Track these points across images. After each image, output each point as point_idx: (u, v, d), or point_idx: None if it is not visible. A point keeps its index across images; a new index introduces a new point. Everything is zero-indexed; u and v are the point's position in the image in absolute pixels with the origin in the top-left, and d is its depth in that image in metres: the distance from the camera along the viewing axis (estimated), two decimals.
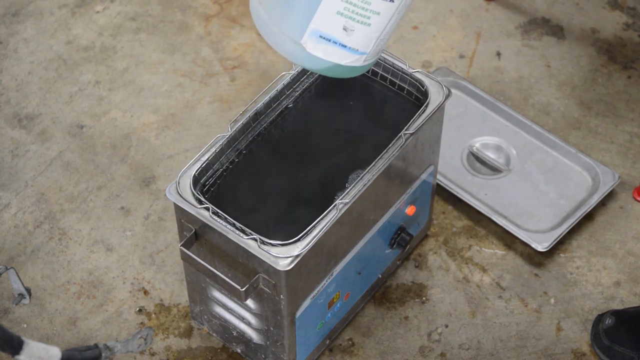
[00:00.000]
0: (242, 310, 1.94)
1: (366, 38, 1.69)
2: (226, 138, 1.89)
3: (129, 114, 2.42)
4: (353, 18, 1.66)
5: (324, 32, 1.67)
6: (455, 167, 2.30)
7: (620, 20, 2.60)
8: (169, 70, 2.50)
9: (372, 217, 1.96)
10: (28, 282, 2.16)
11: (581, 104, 2.45)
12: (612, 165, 2.34)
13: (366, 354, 2.08)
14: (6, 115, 2.42)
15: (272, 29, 1.70)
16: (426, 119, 1.91)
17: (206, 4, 2.63)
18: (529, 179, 2.29)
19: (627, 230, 2.25)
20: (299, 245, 1.76)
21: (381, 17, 1.67)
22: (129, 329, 2.11)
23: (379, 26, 1.68)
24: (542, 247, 2.17)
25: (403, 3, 1.68)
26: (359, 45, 1.70)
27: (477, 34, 2.57)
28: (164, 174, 2.32)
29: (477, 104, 2.40)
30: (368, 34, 1.69)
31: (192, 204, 1.81)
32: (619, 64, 2.51)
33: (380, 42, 1.72)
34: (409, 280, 2.18)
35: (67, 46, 2.54)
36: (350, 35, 1.67)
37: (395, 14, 1.68)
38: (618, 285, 2.17)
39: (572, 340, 2.10)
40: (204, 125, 2.40)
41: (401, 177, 1.98)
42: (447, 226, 2.25)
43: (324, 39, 1.68)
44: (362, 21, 1.67)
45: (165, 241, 2.23)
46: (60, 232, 2.24)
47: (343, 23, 1.66)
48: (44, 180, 2.31)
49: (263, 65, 2.51)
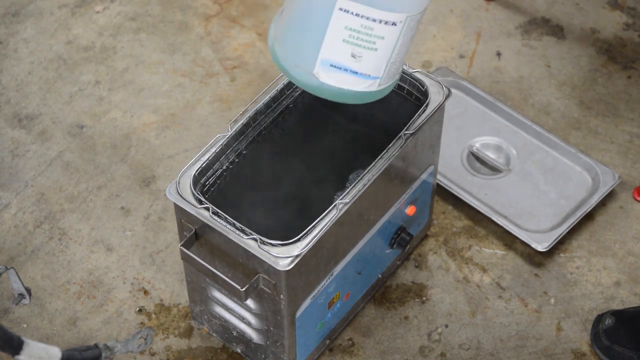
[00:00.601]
0: (242, 310, 1.94)
1: (376, 62, 1.71)
2: (226, 138, 1.89)
3: (129, 114, 2.42)
4: (359, 45, 1.68)
5: (333, 61, 1.70)
6: (455, 167, 2.30)
7: (620, 20, 2.60)
8: (169, 70, 2.50)
9: (372, 217, 1.96)
10: (28, 282, 2.16)
11: (581, 104, 2.45)
12: (612, 165, 2.34)
13: (366, 354, 2.08)
14: (6, 115, 2.42)
15: (288, 64, 1.74)
16: (426, 119, 1.91)
17: (206, 4, 2.63)
18: (529, 179, 2.29)
19: (627, 230, 2.25)
20: (299, 245, 1.76)
21: (386, 41, 1.68)
22: (129, 329, 2.11)
23: (387, 50, 1.70)
24: (542, 247, 2.17)
25: (407, 25, 1.68)
26: (370, 71, 1.72)
27: (477, 34, 2.57)
28: (164, 174, 2.32)
29: (477, 104, 2.40)
30: (377, 58, 1.70)
31: (192, 204, 1.81)
32: (619, 64, 2.51)
33: (392, 65, 1.73)
34: (409, 280, 2.18)
35: (67, 46, 2.54)
36: (360, 62, 1.70)
37: (401, 37, 1.69)
38: (618, 285, 2.17)
39: (572, 340, 2.10)
40: (204, 125, 2.40)
41: (401, 177, 1.98)
42: (447, 226, 2.25)
43: (334, 67, 1.70)
44: (368, 47, 1.69)
45: (165, 241, 2.23)
46: (60, 232, 2.24)
47: (350, 50, 1.68)
48: (44, 180, 2.31)
49: (263, 65, 2.51)
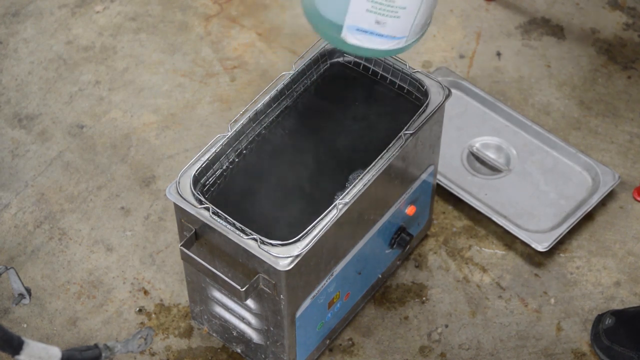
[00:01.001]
0: (242, 310, 1.94)
1: (401, 26, 1.78)
2: (226, 138, 1.89)
3: (129, 114, 2.42)
4: (382, 14, 1.76)
5: (359, 27, 1.78)
6: (455, 167, 2.30)
7: (620, 20, 2.60)
8: (169, 70, 2.50)
9: (372, 217, 1.96)
10: (28, 282, 2.16)
11: (581, 104, 2.44)
12: (612, 165, 2.34)
13: (366, 354, 2.08)
14: (6, 115, 2.42)
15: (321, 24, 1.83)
16: (426, 119, 1.91)
17: (206, 4, 2.63)
18: (529, 179, 2.29)
19: (627, 230, 2.25)
20: (299, 245, 1.76)
21: (409, 10, 1.75)
22: (129, 329, 2.11)
23: (410, 16, 1.77)
24: (542, 247, 2.17)
25: None
26: (396, 33, 1.79)
27: (477, 34, 2.57)
28: (164, 174, 2.32)
29: (477, 104, 2.40)
30: (401, 23, 1.78)
31: (192, 204, 1.81)
32: (619, 64, 2.51)
33: (417, 25, 1.80)
34: (409, 280, 2.18)
35: (67, 46, 2.54)
36: (384, 27, 1.77)
37: (423, 4, 1.76)
38: (618, 285, 2.17)
39: (572, 340, 2.10)
40: (204, 125, 2.40)
41: (401, 177, 1.97)
42: (447, 226, 2.25)
43: (360, 31, 1.78)
44: (391, 15, 1.76)
45: (165, 241, 2.23)
46: (60, 232, 2.24)
47: (374, 18, 1.76)
48: (44, 180, 2.31)
49: (263, 65, 2.51)
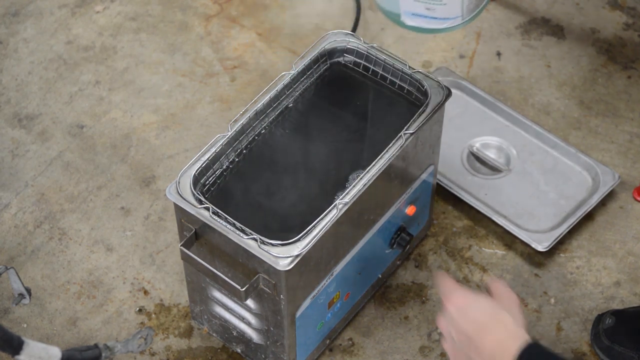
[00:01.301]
0: (242, 310, 1.94)
1: (450, 10, 1.90)
2: (226, 138, 1.89)
3: (129, 114, 2.42)
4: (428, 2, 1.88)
5: (413, 12, 1.90)
6: (455, 167, 2.30)
7: (620, 20, 2.60)
8: (169, 70, 2.50)
9: (372, 217, 1.96)
10: (28, 282, 2.16)
11: (581, 104, 2.44)
12: (612, 165, 2.34)
13: (366, 354, 2.08)
14: (6, 115, 2.42)
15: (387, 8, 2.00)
16: (426, 119, 1.91)
17: (206, 4, 2.63)
18: (529, 179, 2.29)
19: (627, 230, 2.25)
20: (299, 245, 1.76)
21: None
22: (129, 329, 2.11)
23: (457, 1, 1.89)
24: (542, 247, 2.17)
25: None
26: (448, 14, 1.91)
27: (477, 34, 2.57)
28: (164, 174, 2.32)
29: (477, 104, 2.40)
30: (450, 8, 1.89)
31: (192, 204, 1.81)
32: (619, 64, 2.51)
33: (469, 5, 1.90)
34: (409, 280, 2.18)
35: (67, 46, 2.54)
36: (435, 12, 1.89)
37: None
38: (618, 285, 2.17)
39: (572, 340, 2.10)
40: (204, 125, 2.40)
41: (401, 177, 1.97)
42: (447, 226, 2.25)
43: (415, 15, 1.91)
44: (437, 3, 1.90)
45: (165, 241, 2.23)
46: (60, 232, 2.24)
47: (424, 5, 1.91)
48: (44, 180, 2.31)
49: (263, 65, 2.51)
